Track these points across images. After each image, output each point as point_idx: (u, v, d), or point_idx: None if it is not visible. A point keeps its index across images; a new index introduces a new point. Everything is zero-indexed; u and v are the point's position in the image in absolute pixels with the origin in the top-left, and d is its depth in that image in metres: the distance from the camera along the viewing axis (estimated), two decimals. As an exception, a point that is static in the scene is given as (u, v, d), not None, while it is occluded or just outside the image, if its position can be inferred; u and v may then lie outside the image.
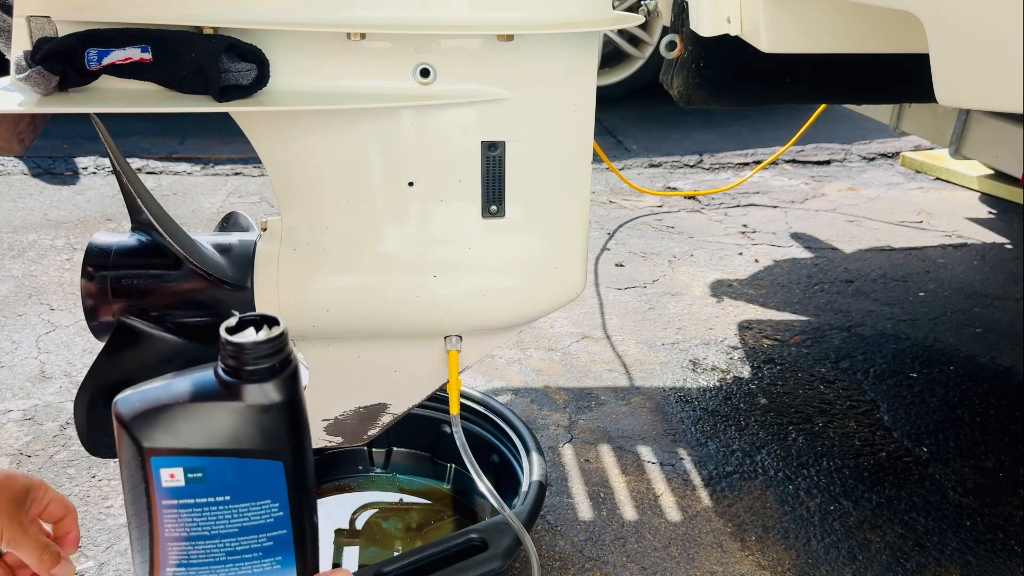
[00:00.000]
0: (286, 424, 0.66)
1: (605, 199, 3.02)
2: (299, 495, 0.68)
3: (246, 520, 0.67)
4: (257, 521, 0.67)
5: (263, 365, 0.65)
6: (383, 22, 0.84)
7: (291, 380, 0.66)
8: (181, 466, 0.65)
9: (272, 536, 0.68)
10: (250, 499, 0.67)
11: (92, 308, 0.96)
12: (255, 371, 0.65)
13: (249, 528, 0.67)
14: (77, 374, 1.79)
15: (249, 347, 0.64)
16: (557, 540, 1.39)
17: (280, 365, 0.66)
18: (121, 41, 0.81)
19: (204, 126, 3.68)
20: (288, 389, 0.66)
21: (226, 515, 0.67)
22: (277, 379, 0.65)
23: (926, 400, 1.80)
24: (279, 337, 0.65)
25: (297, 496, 0.68)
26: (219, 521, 0.67)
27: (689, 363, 1.93)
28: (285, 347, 0.66)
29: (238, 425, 0.65)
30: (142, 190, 0.96)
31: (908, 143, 3.56)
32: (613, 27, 0.95)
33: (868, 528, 1.42)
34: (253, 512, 0.67)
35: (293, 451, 0.67)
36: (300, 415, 0.68)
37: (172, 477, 0.65)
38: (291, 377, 0.66)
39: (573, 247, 1.02)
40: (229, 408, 0.65)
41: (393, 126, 0.91)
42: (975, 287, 2.33)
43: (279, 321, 0.67)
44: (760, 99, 1.75)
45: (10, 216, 2.70)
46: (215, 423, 0.65)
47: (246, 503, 0.67)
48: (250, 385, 0.65)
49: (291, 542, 0.69)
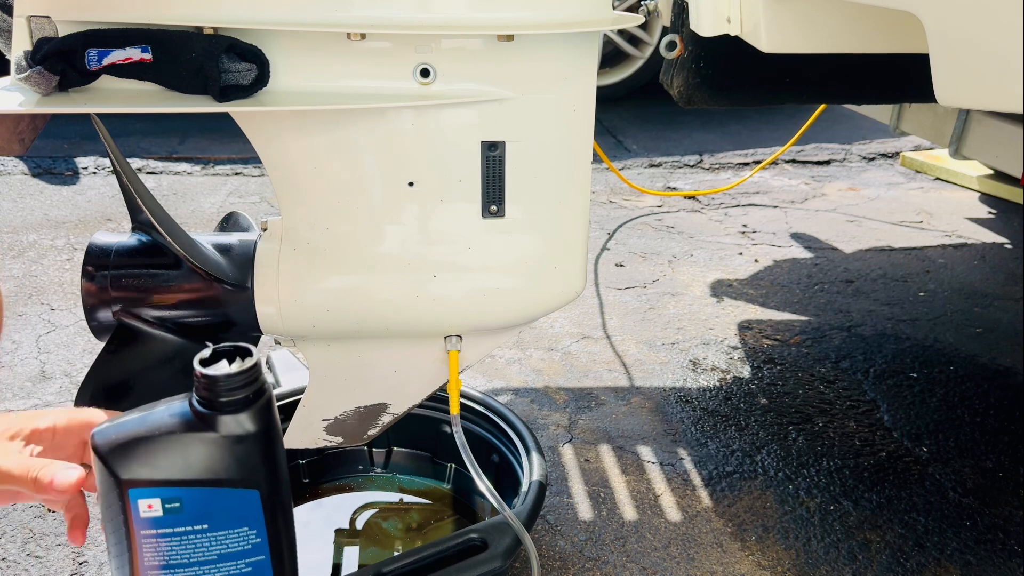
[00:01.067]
0: (261, 453, 0.68)
1: (605, 199, 3.02)
2: (276, 521, 0.70)
3: (224, 548, 0.68)
4: (235, 548, 0.69)
5: (237, 396, 0.66)
6: (383, 22, 0.85)
7: (265, 410, 0.68)
8: (158, 497, 0.66)
9: (250, 562, 0.69)
10: (228, 527, 0.68)
11: (92, 308, 0.96)
12: (229, 402, 0.66)
13: (227, 555, 0.68)
14: (77, 374, 1.79)
15: (222, 379, 0.65)
16: (557, 540, 1.39)
17: (254, 396, 0.67)
18: (121, 41, 0.81)
19: (204, 126, 3.68)
20: (262, 419, 0.67)
21: (204, 543, 0.68)
22: (251, 409, 0.67)
23: (926, 400, 1.80)
24: (252, 368, 0.67)
25: (274, 522, 0.69)
26: (197, 549, 0.68)
27: (689, 363, 1.93)
28: (258, 378, 0.67)
29: (214, 455, 0.66)
30: (142, 190, 0.96)
31: (908, 143, 3.56)
32: (613, 27, 0.95)
33: (868, 528, 1.42)
34: (231, 540, 0.68)
35: (268, 479, 0.68)
36: (275, 443, 0.69)
37: (150, 508, 0.66)
38: (265, 407, 0.68)
39: (573, 247, 1.02)
40: (204, 439, 0.66)
41: (393, 126, 0.91)
42: (975, 287, 2.33)
43: (252, 352, 0.68)
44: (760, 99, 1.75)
45: (10, 216, 2.70)
46: (191, 454, 0.66)
47: (224, 531, 0.68)
48: (224, 416, 0.66)
49: (269, 568, 0.70)
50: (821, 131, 3.38)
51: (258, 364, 0.68)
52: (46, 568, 1.29)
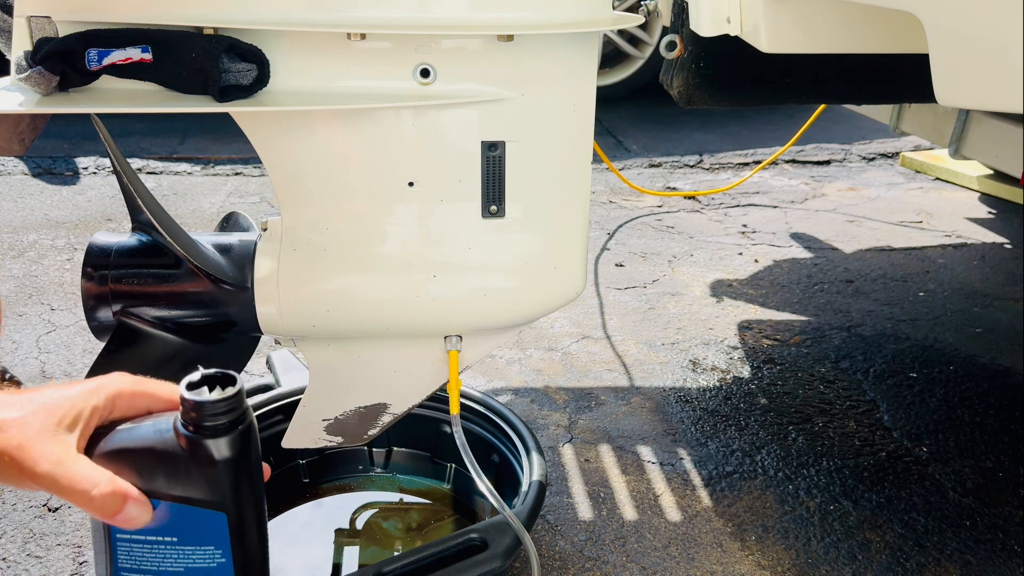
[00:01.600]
0: (232, 478, 0.70)
1: (605, 199, 3.02)
2: (243, 545, 0.72)
3: (191, 562, 0.71)
4: (202, 564, 0.72)
5: (215, 422, 0.69)
6: (383, 22, 0.85)
7: (241, 437, 0.70)
8: None
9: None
10: (195, 543, 0.71)
11: (92, 308, 0.96)
12: (207, 427, 0.68)
13: (194, 570, 0.72)
14: (77, 374, 1.79)
15: (203, 404, 0.68)
16: (557, 540, 1.39)
17: (231, 424, 0.69)
18: (121, 41, 0.81)
19: (204, 126, 3.68)
20: (238, 446, 0.70)
21: (173, 555, 0.71)
22: (228, 436, 0.69)
23: (926, 400, 1.80)
24: (232, 397, 0.69)
25: (241, 545, 0.72)
26: (167, 559, 0.71)
27: (689, 363, 1.93)
28: (239, 407, 0.70)
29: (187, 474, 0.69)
30: (142, 190, 0.96)
31: (908, 143, 3.56)
32: (613, 27, 0.95)
33: (868, 528, 1.42)
34: (198, 556, 0.71)
35: (237, 504, 0.71)
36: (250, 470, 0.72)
37: None
38: (242, 435, 0.70)
39: (573, 247, 1.02)
40: (180, 458, 0.69)
41: (393, 126, 0.91)
42: (975, 287, 2.33)
43: (236, 380, 0.70)
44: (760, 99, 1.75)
45: (10, 216, 2.71)
46: (167, 470, 0.69)
47: (192, 547, 0.71)
48: (203, 440, 0.68)
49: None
50: (821, 131, 3.38)
51: (240, 393, 0.70)
52: (46, 568, 1.29)
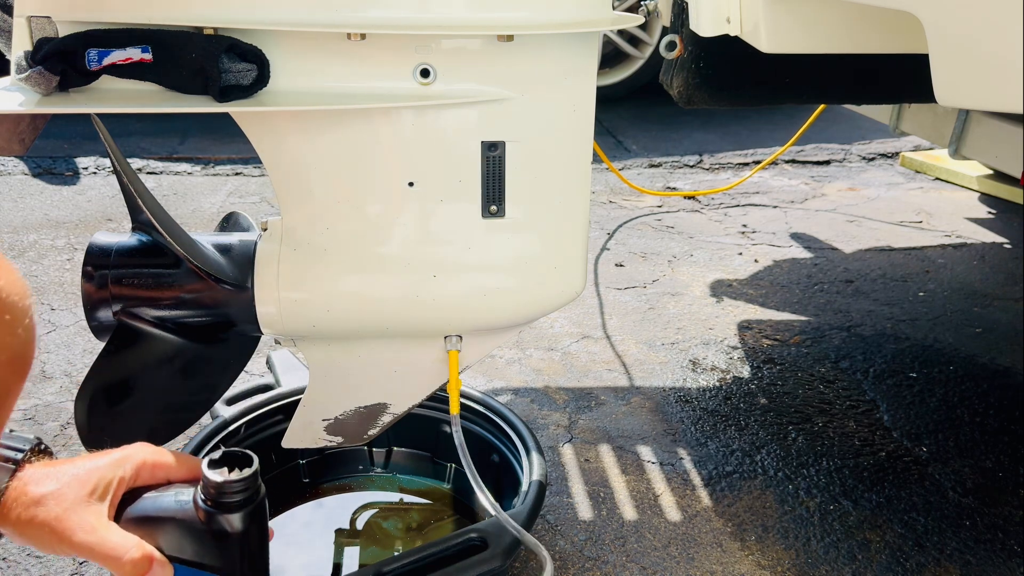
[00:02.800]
0: (241, 550, 0.79)
1: (605, 199, 3.02)
2: None
3: None
4: None
5: (232, 500, 0.77)
6: (383, 22, 0.85)
7: (254, 514, 0.79)
8: None
9: None
10: None
11: (92, 308, 0.96)
12: (224, 504, 0.77)
13: None
14: (78, 374, 1.79)
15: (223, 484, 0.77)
16: (557, 540, 1.39)
17: (245, 501, 0.78)
18: (121, 41, 0.81)
19: (204, 126, 3.68)
20: (250, 521, 0.79)
21: None
22: (242, 512, 0.78)
23: (926, 400, 1.80)
24: (248, 478, 0.78)
25: None
26: None
27: (689, 363, 1.93)
28: (253, 486, 0.79)
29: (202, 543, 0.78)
30: (142, 190, 0.96)
31: (908, 143, 3.56)
32: (613, 27, 0.95)
33: (868, 528, 1.42)
34: None
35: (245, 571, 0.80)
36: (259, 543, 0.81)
37: None
38: (254, 511, 0.79)
39: (573, 247, 1.02)
40: (197, 528, 0.77)
41: (393, 126, 0.91)
42: (975, 287, 2.33)
43: (253, 461, 0.79)
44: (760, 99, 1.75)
45: (10, 216, 2.70)
46: (184, 538, 0.77)
47: None
48: (218, 514, 0.77)
49: None
50: (821, 131, 3.38)
51: (255, 474, 0.78)
52: (46, 568, 1.29)
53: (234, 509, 0.77)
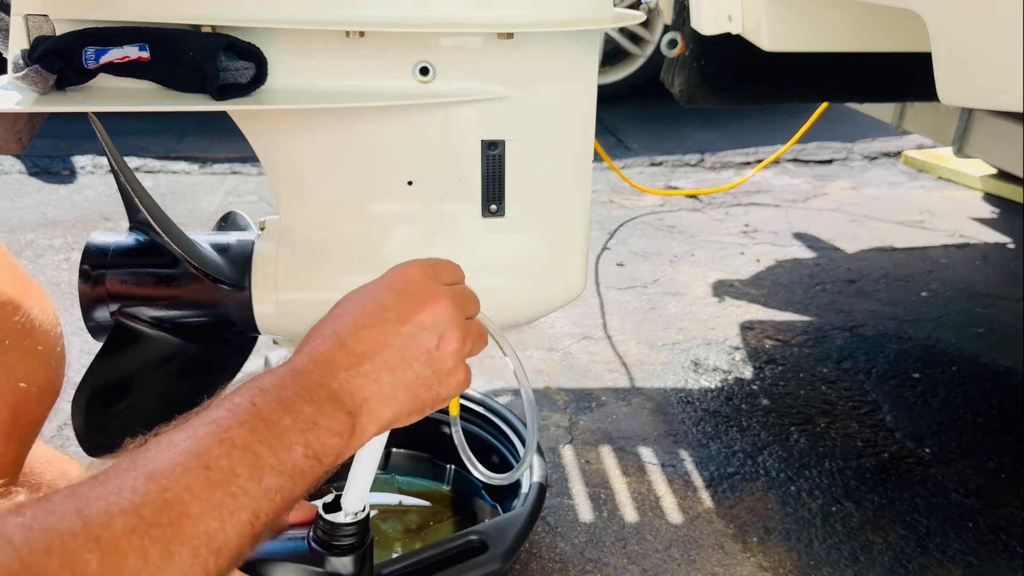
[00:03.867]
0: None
1: (606, 198, 3.01)
2: None
3: None
4: None
5: (344, 542, 0.81)
6: (382, 20, 0.84)
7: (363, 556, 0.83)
8: None
9: None
10: None
11: (89, 308, 0.96)
12: (337, 546, 0.81)
13: None
14: (75, 375, 1.77)
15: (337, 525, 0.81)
16: (557, 541, 1.38)
17: (358, 543, 0.82)
18: (119, 39, 0.80)
19: (202, 125, 3.67)
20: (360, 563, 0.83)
21: None
22: (354, 555, 0.82)
23: (928, 401, 1.79)
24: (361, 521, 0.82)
25: None
26: None
27: (690, 363, 1.93)
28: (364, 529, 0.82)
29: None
30: (140, 189, 0.96)
31: (911, 142, 3.55)
32: (614, 25, 0.94)
33: (870, 529, 1.42)
34: None
35: None
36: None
37: None
38: (364, 553, 0.83)
39: (573, 247, 1.02)
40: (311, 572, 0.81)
41: (392, 125, 0.90)
42: (978, 287, 2.32)
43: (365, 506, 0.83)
44: (761, 98, 1.74)
45: (7, 215, 2.70)
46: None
47: None
48: (331, 557, 0.81)
49: None
50: (823, 130, 3.37)
51: (368, 517, 0.83)
52: None
53: (346, 552, 0.81)
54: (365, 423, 0.64)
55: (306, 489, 0.59)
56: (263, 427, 0.58)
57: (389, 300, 0.70)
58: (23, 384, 0.60)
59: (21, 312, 0.60)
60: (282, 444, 0.58)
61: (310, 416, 0.60)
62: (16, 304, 0.60)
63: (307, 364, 0.64)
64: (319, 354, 0.65)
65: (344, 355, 0.65)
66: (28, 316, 0.60)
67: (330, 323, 0.68)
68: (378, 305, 0.69)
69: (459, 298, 0.73)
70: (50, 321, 0.63)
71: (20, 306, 0.60)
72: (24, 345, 0.60)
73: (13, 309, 0.60)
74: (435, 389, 0.69)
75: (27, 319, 0.60)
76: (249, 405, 0.59)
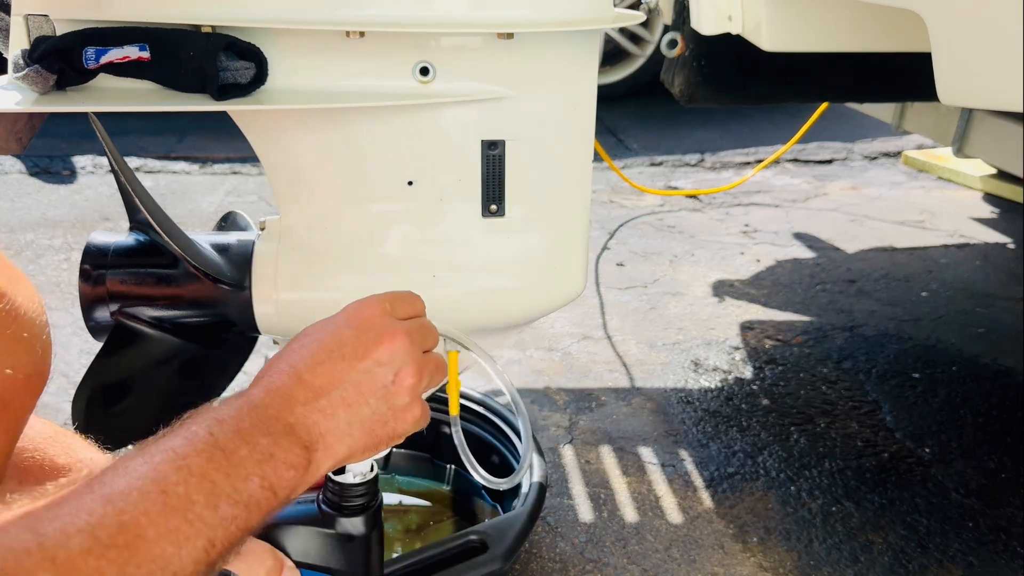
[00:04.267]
0: (364, 552, 0.83)
1: (606, 198, 3.01)
2: None
3: None
4: None
5: (355, 503, 0.82)
6: (383, 20, 0.84)
7: (374, 516, 0.84)
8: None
9: None
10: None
11: (90, 308, 0.96)
12: (348, 507, 0.81)
13: None
14: (75, 374, 1.78)
15: (346, 486, 0.81)
16: (558, 541, 1.38)
17: (367, 504, 0.83)
18: (119, 39, 0.80)
19: (202, 125, 3.67)
20: (371, 523, 0.83)
21: None
22: (364, 515, 0.82)
23: (928, 401, 1.79)
24: (371, 481, 0.82)
25: None
26: None
27: (690, 363, 1.93)
28: (373, 490, 0.82)
29: (328, 548, 0.82)
30: (140, 189, 0.96)
31: (911, 142, 3.55)
32: (614, 25, 0.94)
33: (870, 529, 1.42)
34: None
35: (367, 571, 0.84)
36: (379, 545, 0.85)
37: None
38: (374, 514, 0.84)
39: (574, 246, 1.02)
40: (323, 533, 0.82)
41: (392, 125, 0.90)
42: (978, 287, 2.32)
43: (373, 467, 0.83)
44: (761, 98, 1.74)
45: (7, 215, 2.70)
46: (311, 543, 0.82)
47: None
48: (342, 518, 0.81)
49: None
50: (823, 130, 3.36)
51: (376, 477, 0.83)
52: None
53: (357, 512, 0.81)
54: (321, 458, 0.65)
55: (261, 521, 0.59)
56: (220, 456, 0.58)
57: (347, 336, 0.70)
58: (9, 371, 0.60)
59: (6, 300, 0.60)
60: (239, 474, 0.58)
61: (267, 448, 0.60)
62: (1, 292, 0.60)
63: (263, 397, 0.64)
64: (275, 387, 0.65)
65: (301, 390, 0.66)
66: (13, 304, 0.60)
67: (287, 358, 0.69)
68: (336, 340, 0.70)
69: (416, 333, 0.74)
70: (35, 309, 0.62)
71: (5, 294, 0.60)
72: (9, 333, 0.60)
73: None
74: (391, 425, 0.70)
75: (11, 306, 0.60)
76: (206, 435, 0.59)
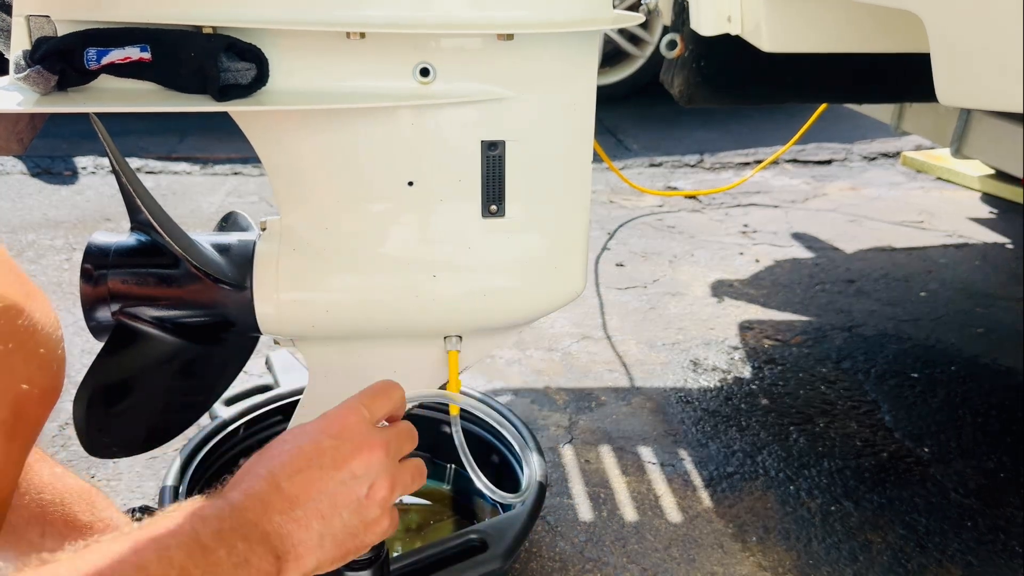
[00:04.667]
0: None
1: (605, 199, 3.02)
2: None
3: None
4: None
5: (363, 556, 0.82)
6: (383, 21, 0.84)
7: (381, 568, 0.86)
8: None
9: None
10: None
11: (91, 308, 0.96)
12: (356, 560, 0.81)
13: None
14: (76, 374, 1.77)
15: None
16: (557, 541, 1.38)
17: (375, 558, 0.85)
18: (120, 40, 0.81)
19: (203, 126, 3.68)
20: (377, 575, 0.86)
21: None
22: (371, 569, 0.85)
23: (928, 400, 1.79)
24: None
25: None
26: None
27: (690, 363, 1.93)
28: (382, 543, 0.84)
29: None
30: (141, 190, 0.96)
31: (909, 142, 3.55)
32: (614, 26, 0.94)
33: (869, 529, 1.42)
34: None
35: None
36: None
37: None
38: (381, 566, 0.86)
39: (573, 247, 1.02)
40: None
41: (392, 125, 0.91)
42: (977, 287, 2.33)
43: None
44: (761, 98, 1.74)
45: (9, 216, 2.70)
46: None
47: None
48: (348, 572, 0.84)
49: None
50: (822, 130, 3.37)
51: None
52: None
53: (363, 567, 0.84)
54: (291, 568, 0.67)
55: None
56: (200, 553, 0.61)
57: (326, 444, 0.72)
58: (25, 386, 0.61)
59: (24, 316, 0.61)
60: (214, 573, 0.61)
61: (243, 553, 0.63)
62: (19, 308, 0.61)
63: (244, 501, 0.67)
64: (254, 493, 0.68)
65: (279, 498, 0.68)
66: (31, 319, 0.61)
67: (266, 462, 0.70)
68: (315, 448, 0.71)
69: (393, 442, 0.77)
70: (52, 324, 0.63)
71: (23, 310, 0.61)
72: (27, 348, 0.61)
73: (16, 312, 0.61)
74: (360, 538, 0.72)
75: (30, 322, 0.61)
76: (189, 529, 0.62)
